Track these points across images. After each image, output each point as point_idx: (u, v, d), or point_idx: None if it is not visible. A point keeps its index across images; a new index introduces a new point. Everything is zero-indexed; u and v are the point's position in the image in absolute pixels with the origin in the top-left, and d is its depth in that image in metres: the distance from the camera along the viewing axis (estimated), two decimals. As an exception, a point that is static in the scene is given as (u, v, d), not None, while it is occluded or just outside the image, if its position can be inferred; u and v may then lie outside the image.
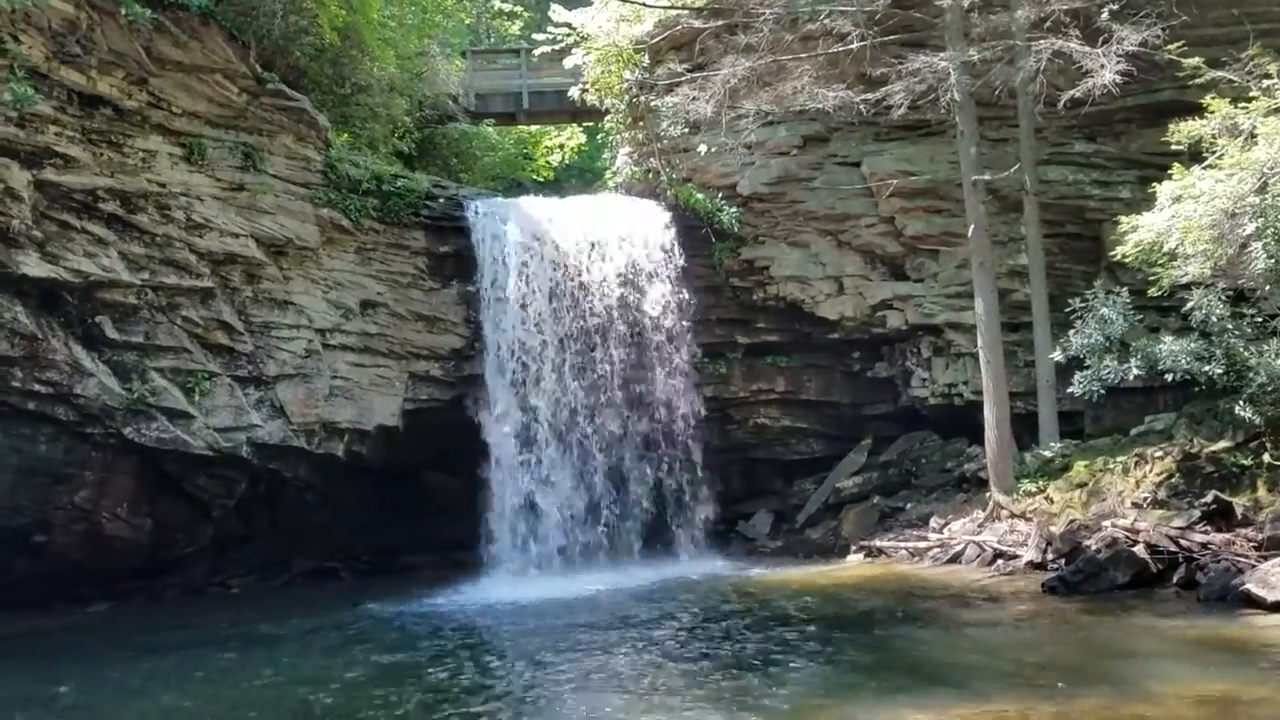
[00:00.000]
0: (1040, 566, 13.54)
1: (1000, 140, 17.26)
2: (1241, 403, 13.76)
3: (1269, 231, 12.61)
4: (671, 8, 18.40)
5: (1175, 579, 12.09)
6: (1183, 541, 12.47)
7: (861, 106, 16.01)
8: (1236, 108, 12.86)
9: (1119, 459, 14.75)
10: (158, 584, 16.56)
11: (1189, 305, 14.24)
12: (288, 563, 17.86)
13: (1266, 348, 13.65)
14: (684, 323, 18.04)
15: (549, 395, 17.01)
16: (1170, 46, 13.90)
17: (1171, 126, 13.35)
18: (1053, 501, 14.89)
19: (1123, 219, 14.04)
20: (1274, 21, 15.66)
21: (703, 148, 18.13)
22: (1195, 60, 13.51)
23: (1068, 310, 15.69)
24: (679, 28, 18.25)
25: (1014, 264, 17.38)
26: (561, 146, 28.18)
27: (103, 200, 14.24)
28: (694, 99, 16.99)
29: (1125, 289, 15.45)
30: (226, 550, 17.25)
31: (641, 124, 18.91)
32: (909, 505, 17.44)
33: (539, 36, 21.58)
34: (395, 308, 17.42)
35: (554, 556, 16.53)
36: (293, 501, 17.40)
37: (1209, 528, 12.78)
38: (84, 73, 13.73)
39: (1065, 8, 14.46)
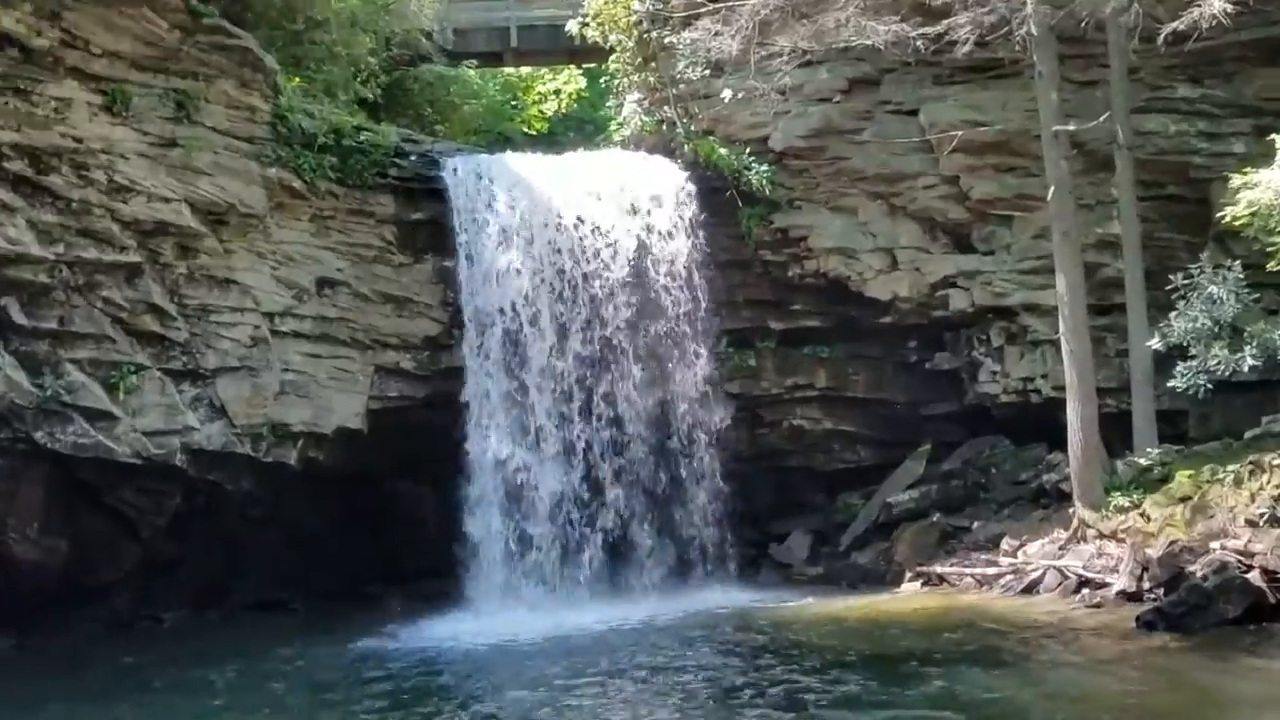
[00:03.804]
0: (1134, 597, 13.51)
1: (1087, 84, 17.16)
2: (1380, 400, 13.69)
3: None
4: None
5: (1298, 612, 12.06)
6: (1308, 567, 12.43)
7: (919, 43, 15.91)
8: (1375, 42, 12.76)
9: (1230, 468, 14.67)
10: (75, 616, 16.57)
11: (1316, 282, 14.18)
12: (228, 592, 17.94)
13: None
14: (705, 305, 18.04)
15: (542, 392, 17.05)
16: (1294, -32, 13.82)
17: (1294, 66, 13.27)
18: (1149, 519, 14.84)
19: (1235, 176, 13.96)
20: None
21: (727, 93, 18.05)
22: (1324, -15, 13.41)
23: (1168, 288, 15.64)
24: (698, -52, 18.25)
25: (1103, 233, 17.29)
26: (557, 93, 28.10)
27: (7, 158, 14.24)
28: (717, 34, 16.95)
29: (1238, 262, 15.38)
30: (156, 577, 17.30)
31: (653, 65, 18.86)
32: (976, 524, 17.41)
33: (530, -41, 21.58)
34: (358, 287, 17.45)
35: (547, 585, 16.60)
36: (235, 519, 17.43)
37: (1339, 551, 12.72)
38: (-17, 6, 13.76)
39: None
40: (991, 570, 15.88)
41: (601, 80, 23.69)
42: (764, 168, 18.14)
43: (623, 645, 13.90)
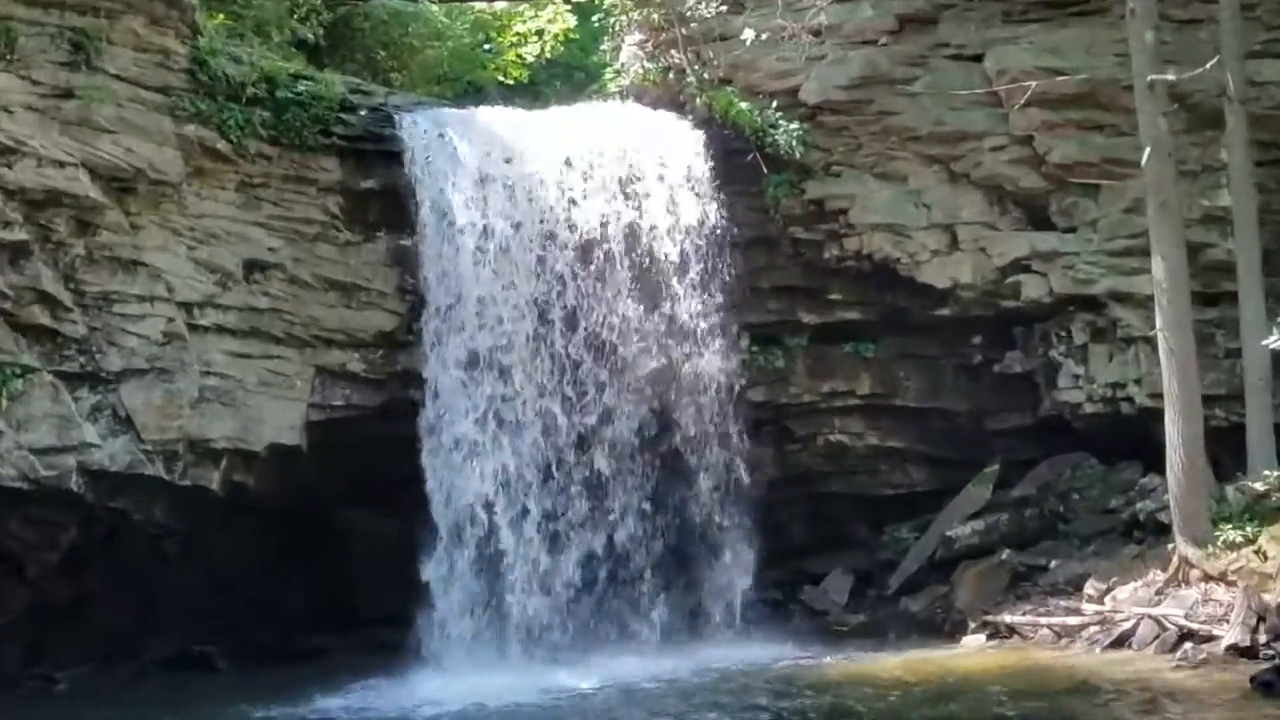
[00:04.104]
0: (1248, 652, 13.55)
1: (1190, 22, 17.27)
2: None
3: None
4: None
5: None
6: None
7: (985, -29, 15.96)
8: None
9: (1367, 495, 14.69)
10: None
11: None
12: (139, 645, 17.97)
13: None
14: (721, 294, 18.09)
15: (522, 402, 17.09)
16: None
17: None
18: (1266, 557, 14.92)
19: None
20: None
21: (748, 34, 18.12)
22: None
23: (1290, 275, 15.62)
24: None
25: (1210, 205, 17.39)
26: (540, 34, 28.09)
27: None
28: (736, -39, 16.97)
29: (1375, 242, 15.34)
30: (49, 627, 17.32)
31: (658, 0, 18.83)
32: (1054, 562, 17.50)
33: None
34: (296, 271, 17.44)
35: (527, 638, 16.65)
36: (146, 555, 17.39)
37: None
38: None
39: None
40: (1073, 620, 15.93)
41: (594, 19, 23.62)
42: (794, 125, 18.21)
43: (626, 715, 13.91)
